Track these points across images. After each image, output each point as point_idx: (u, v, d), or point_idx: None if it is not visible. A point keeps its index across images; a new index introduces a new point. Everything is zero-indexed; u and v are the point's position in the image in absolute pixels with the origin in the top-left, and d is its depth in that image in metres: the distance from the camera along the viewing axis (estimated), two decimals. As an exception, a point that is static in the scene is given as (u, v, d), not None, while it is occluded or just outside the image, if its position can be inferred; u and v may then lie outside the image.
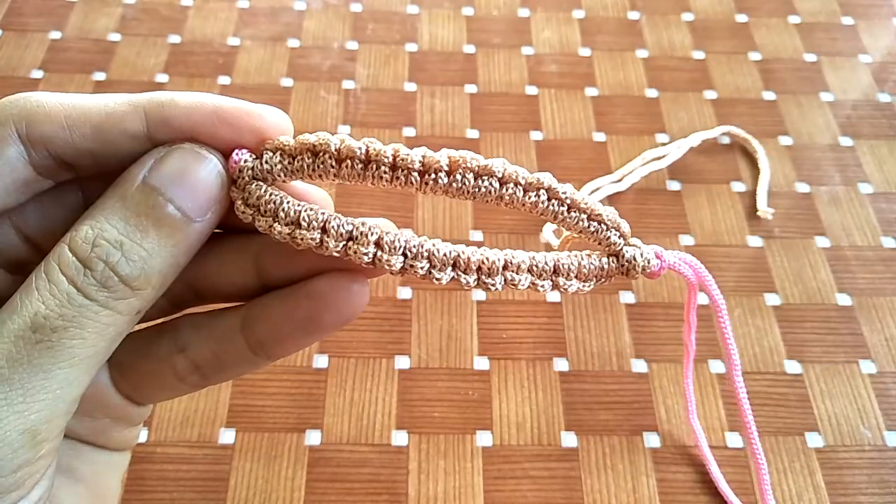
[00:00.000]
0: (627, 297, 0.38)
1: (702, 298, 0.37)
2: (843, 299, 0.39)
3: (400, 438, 0.33)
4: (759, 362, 0.36)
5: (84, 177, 0.19)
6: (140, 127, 0.18)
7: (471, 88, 0.47)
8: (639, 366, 0.36)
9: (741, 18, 0.52)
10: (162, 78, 0.46)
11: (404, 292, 0.38)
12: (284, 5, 0.50)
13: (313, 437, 0.33)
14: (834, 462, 0.33)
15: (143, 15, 0.49)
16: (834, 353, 0.37)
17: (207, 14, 0.50)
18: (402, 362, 0.36)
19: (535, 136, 0.44)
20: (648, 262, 0.20)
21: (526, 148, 0.44)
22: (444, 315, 0.37)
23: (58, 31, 0.48)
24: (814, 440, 0.34)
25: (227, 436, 0.33)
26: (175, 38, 0.48)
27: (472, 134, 0.44)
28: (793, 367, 0.36)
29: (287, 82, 0.46)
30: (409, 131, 0.44)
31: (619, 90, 0.47)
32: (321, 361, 0.35)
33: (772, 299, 0.38)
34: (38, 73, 0.46)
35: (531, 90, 0.47)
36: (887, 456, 0.34)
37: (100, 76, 0.46)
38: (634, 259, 0.20)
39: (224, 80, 0.46)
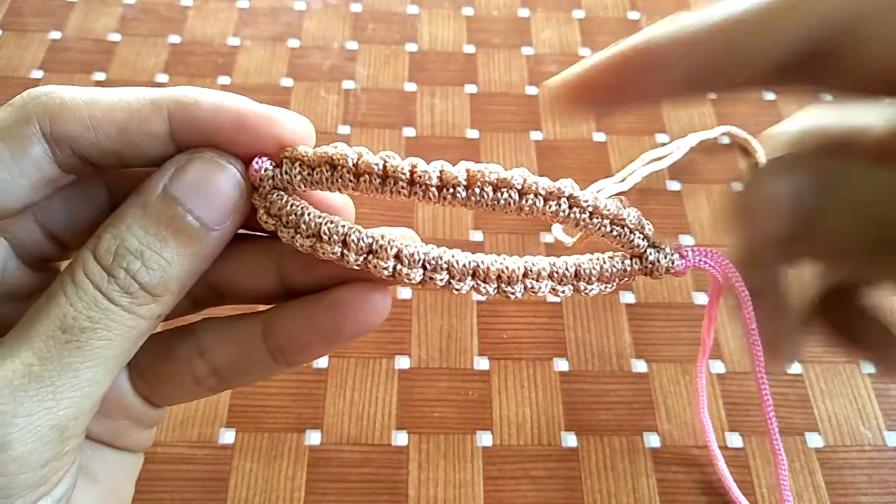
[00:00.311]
0: (627, 297, 0.38)
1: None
2: (843, 299, 0.39)
3: (400, 438, 0.33)
4: (759, 362, 0.36)
5: (108, 171, 0.20)
6: (163, 127, 0.18)
7: (471, 88, 0.47)
8: (639, 366, 0.36)
9: (741, 18, 0.52)
10: (162, 78, 0.46)
11: (404, 292, 0.38)
12: (284, 5, 0.50)
13: (313, 437, 0.33)
14: (834, 462, 0.33)
15: (143, 15, 0.49)
16: (834, 353, 0.37)
17: (207, 14, 0.50)
18: (402, 362, 0.36)
19: (535, 136, 0.44)
20: (672, 263, 0.20)
21: (526, 148, 0.44)
22: (444, 315, 0.37)
23: (58, 31, 0.48)
24: (814, 440, 0.34)
25: (227, 436, 0.33)
26: (175, 38, 0.48)
27: (472, 134, 0.44)
28: (793, 367, 0.36)
29: (287, 82, 0.46)
30: (409, 131, 0.44)
31: (619, 90, 0.47)
32: (321, 361, 0.35)
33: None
34: (38, 73, 0.46)
35: (531, 90, 0.47)
36: (887, 456, 0.34)
37: (100, 76, 0.46)
38: (659, 261, 0.20)
39: (224, 80, 0.46)
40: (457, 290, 0.19)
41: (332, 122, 0.44)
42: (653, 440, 0.34)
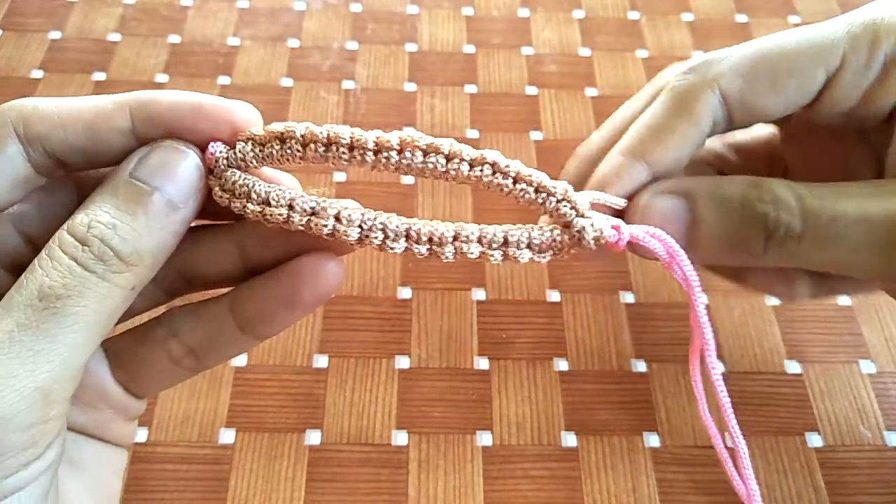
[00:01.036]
0: (627, 297, 0.38)
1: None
2: (844, 299, 0.39)
3: (400, 438, 0.33)
4: (759, 362, 0.36)
5: (78, 174, 0.22)
6: (126, 124, 0.20)
7: (471, 88, 0.47)
8: (639, 366, 0.36)
9: (741, 18, 0.52)
10: (162, 78, 0.46)
11: (404, 292, 0.38)
12: (284, 5, 0.51)
13: (313, 437, 0.33)
14: (834, 462, 0.33)
15: (143, 15, 0.49)
16: (834, 353, 0.37)
17: (207, 14, 0.50)
18: (402, 362, 0.36)
19: (535, 136, 0.44)
20: (602, 233, 0.21)
21: (526, 148, 0.44)
22: (444, 315, 0.37)
23: (58, 31, 0.48)
24: (814, 440, 0.34)
25: (227, 436, 0.33)
26: (175, 38, 0.48)
27: (473, 134, 0.44)
28: (793, 367, 0.36)
29: (287, 82, 0.46)
30: (409, 132, 0.44)
31: (619, 90, 0.47)
32: (321, 361, 0.35)
33: (772, 299, 0.38)
34: (38, 73, 0.46)
35: (531, 90, 0.47)
36: (887, 456, 0.34)
37: (100, 76, 0.46)
38: (584, 229, 0.21)
39: (224, 80, 0.46)
40: (391, 248, 0.21)
41: (332, 123, 0.44)
42: (653, 440, 0.34)
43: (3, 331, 0.17)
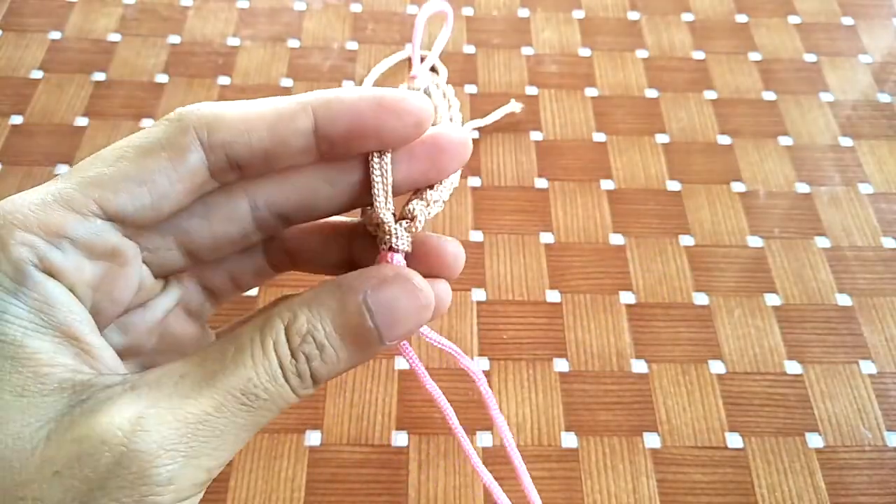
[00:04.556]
0: (627, 298, 0.38)
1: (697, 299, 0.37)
2: (844, 299, 0.39)
3: (400, 439, 0.33)
4: (759, 363, 0.36)
5: (250, 179, 0.21)
6: (309, 124, 0.20)
7: (471, 89, 0.47)
8: (639, 366, 0.36)
9: (741, 18, 0.52)
10: (162, 78, 0.46)
11: (404, 292, 0.38)
12: (284, 5, 0.50)
13: (313, 438, 0.33)
14: (834, 462, 0.33)
15: (143, 15, 0.49)
16: (834, 353, 0.37)
17: (207, 14, 0.50)
18: (403, 362, 0.36)
19: (535, 136, 0.44)
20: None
21: (526, 148, 0.44)
22: (444, 315, 0.37)
23: (58, 31, 0.48)
24: (814, 441, 0.34)
25: (226, 436, 0.33)
26: (175, 39, 0.48)
27: (473, 134, 0.44)
28: (793, 367, 0.36)
29: (287, 82, 0.46)
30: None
31: (619, 90, 0.47)
32: (321, 362, 0.35)
33: (772, 300, 0.38)
34: (37, 74, 0.46)
35: (531, 90, 0.47)
36: (887, 456, 0.34)
37: (100, 76, 0.46)
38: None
39: (224, 80, 0.46)
40: None
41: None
42: (653, 440, 0.34)
43: (203, 410, 0.17)
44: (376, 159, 0.21)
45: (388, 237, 0.21)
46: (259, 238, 0.22)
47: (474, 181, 0.42)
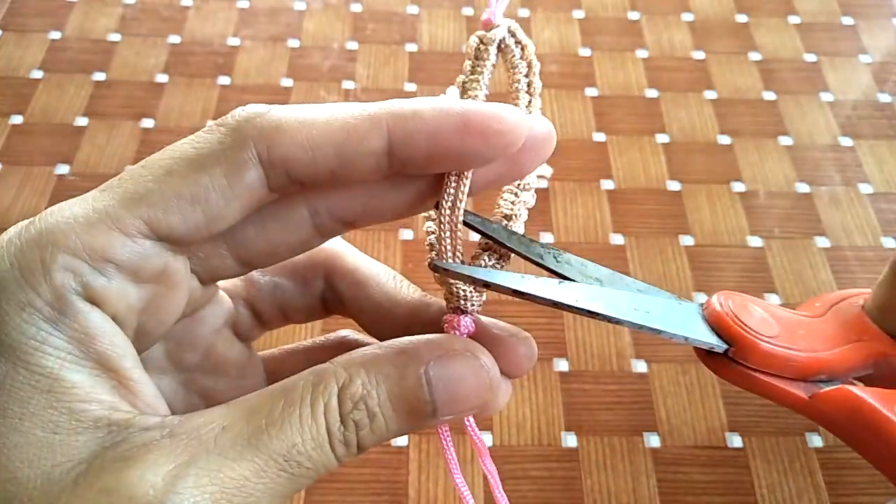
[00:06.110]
0: (627, 298, 0.38)
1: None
2: (844, 299, 0.39)
3: (400, 439, 0.33)
4: (760, 362, 0.36)
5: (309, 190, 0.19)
6: (382, 144, 0.18)
7: (471, 88, 0.46)
8: (639, 366, 0.36)
9: (741, 18, 0.52)
10: (162, 78, 0.46)
11: (404, 292, 0.38)
12: (284, 5, 0.50)
13: (313, 438, 0.33)
14: (834, 462, 0.33)
15: (143, 15, 0.49)
16: (834, 353, 0.37)
17: (207, 14, 0.50)
18: (402, 362, 0.36)
19: (535, 136, 0.44)
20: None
21: (526, 148, 0.44)
22: (444, 315, 0.37)
23: (58, 31, 0.48)
24: (814, 440, 0.34)
25: (227, 436, 0.33)
26: (175, 39, 0.48)
27: (472, 134, 0.44)
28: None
29: (287, 82, 0.46)
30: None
31: (619, 90, 0.47)
32: (321, 361, 0.35)
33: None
34: (37, 74, 0.46)
35: (531, 90, 0.47)
36: (887, 456, 0.34)
37: (100, 76, 0.46)
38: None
39: (224, 80, 0.46)
40: None
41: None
42: (653, 440, 0.34)
43: (242, 475, 0.16)
44: (452, 183, 0.19)
45: (456, 299, 0.20)
46: (319, 243, 0.21)
47: (474, 181, 0.42)
